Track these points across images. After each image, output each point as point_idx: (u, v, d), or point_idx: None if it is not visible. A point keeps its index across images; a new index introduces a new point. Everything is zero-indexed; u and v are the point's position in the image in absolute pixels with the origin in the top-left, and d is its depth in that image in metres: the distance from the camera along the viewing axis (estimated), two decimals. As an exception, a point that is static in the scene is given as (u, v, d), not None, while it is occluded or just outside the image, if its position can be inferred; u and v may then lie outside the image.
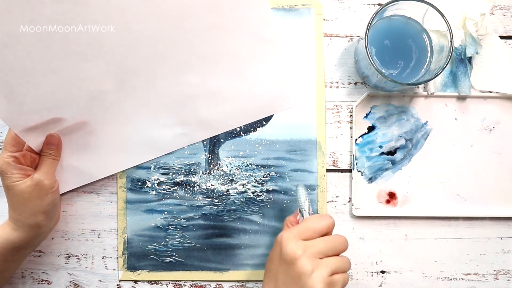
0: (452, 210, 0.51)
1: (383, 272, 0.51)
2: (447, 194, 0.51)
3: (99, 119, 0.48)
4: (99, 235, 0.51)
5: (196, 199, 0.51)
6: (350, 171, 0.51)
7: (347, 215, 0.51)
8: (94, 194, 0.52)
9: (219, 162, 0.51)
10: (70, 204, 0.52)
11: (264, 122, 0.51)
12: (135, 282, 0.51)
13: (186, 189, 0.51)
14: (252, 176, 0.51)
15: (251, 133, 0.51)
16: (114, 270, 0.51)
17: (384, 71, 0.47)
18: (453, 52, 0.49)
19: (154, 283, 0.51)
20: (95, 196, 0.52)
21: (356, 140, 0.51)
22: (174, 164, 0.51)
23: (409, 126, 0.51)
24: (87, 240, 0.51)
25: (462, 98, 0.51)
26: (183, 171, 0.51)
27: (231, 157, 0.51)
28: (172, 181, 0.51)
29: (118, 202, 0.51)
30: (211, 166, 0.51)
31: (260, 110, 0.51)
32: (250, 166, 0.51)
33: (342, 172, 0.51)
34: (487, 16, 0.49)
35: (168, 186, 0.51)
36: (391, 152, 0.51)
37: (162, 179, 0.51)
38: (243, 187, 0.51)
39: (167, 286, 0.51)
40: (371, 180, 0.51)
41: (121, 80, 0.47)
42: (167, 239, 0.51)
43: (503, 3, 0.52)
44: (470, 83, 0.50)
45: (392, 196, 0.51)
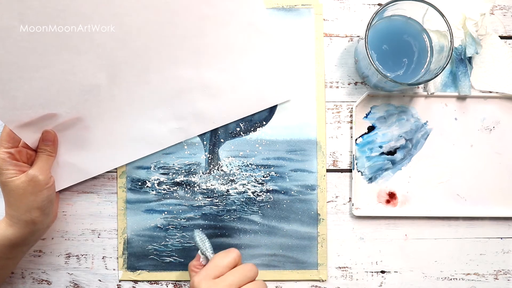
0: (452, 210, 0.51)
1: (383, 272, 0.51)
2: (447, 194, 0.51)
3: (93, 114, 0.48)
4: (99, 235, 0.51)
5: (196, 199, 0.51)
6: (350, 171, 0.51)
7: (347, 215, 0.51)
8: (94, 194, 0.52)
9: (219, 162, 0.51)
10: (70, 204, 0.52)
11: (264, 122, 0.51)
12: (135, 282, 0.51)
13: (186, 189, 0.51)
14: (252, 176, 0.51)
15: (251, 133, 0.51)
16: (114, 270, 0.51)
17: (383, 71, 0.47)
18: (453, 52, 0.49)
19: (154, 283, 0.51)
20: (95, 196, 0.52)
21: (356, 140, 0.51)
22: (174, 164, 0.51)
23: (409, 126, 0.51)
24: (87, 240, 0.51)
25: (462, 98, 0.51)
26: (183, 171, 0.51)
27: (231, 157, 0.51)
28: (172, 181, 0.51)
29: (118, 202, 0.51)
30: (211, 166, 0.51)
31: (256, 103, 0.50)
32: (250, 166, 0.51)
33: (342, 172, 0.51)
34: (487, 16, 0.49)
35: (168, 186, 0.51)
36: (391, 152, 0.51)
37: (162, 179, 0.51)
38: (243, 187, 0.51)
39: (167, 286, 0.51)
40: (371, 180, 0.51)
41: (113, 73, 0.46)
42: (167, 239, 0.51)
43: (503, 3, 0.52)
44: (470, 83, 0.50)
45: (392, 196, 0.51)
